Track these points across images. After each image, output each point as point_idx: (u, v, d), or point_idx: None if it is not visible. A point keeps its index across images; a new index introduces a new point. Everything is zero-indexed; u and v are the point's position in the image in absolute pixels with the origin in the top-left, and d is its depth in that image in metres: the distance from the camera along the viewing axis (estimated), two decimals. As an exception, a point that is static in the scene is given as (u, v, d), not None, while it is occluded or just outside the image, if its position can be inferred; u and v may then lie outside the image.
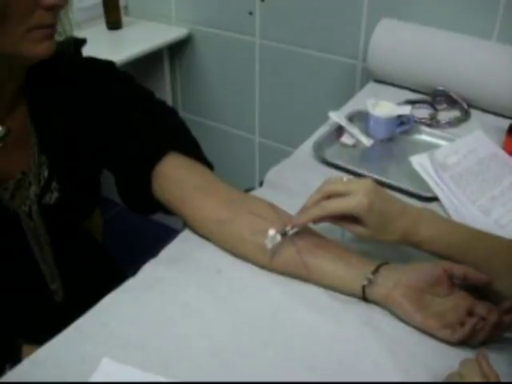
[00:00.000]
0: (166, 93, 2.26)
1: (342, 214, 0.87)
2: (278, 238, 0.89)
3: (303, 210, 0.90)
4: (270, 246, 0.89)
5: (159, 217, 1.06)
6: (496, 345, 0.80)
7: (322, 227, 0.96)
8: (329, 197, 0.88)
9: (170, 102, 2.29)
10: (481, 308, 0.80)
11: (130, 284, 0.91)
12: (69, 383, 0.75)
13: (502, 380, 0.67)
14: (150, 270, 0.94)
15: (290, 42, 1.92)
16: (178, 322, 0.84)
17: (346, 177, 0.93)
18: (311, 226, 0.92)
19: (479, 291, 0.84)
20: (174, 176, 0.99)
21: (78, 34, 1.00)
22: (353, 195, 0.86)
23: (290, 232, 0.90)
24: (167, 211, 1.02)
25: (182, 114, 2.34)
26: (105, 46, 2.04)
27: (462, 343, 0.80)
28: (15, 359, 0.85)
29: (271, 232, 0.89)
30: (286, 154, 1.28)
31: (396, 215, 0.87)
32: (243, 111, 2.19)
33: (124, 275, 0.94)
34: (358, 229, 0.88)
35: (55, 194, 0.99)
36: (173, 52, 2.23)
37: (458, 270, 0.83)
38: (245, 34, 2.01)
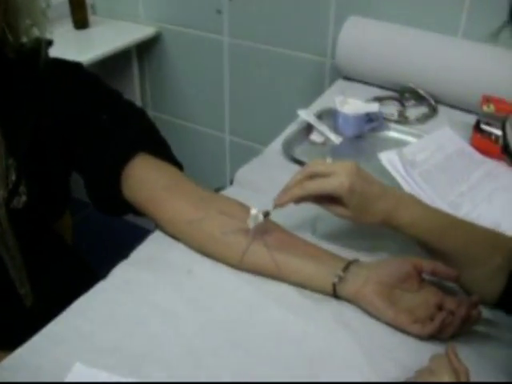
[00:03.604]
0: (135, 92, 2.24)
1: (324, 195, 0.88)
2: (261, 217, 0.89)
3: (285, 189, 0.90)
4: (252, 225, 0.89)
5: (131, 217, 1.06)
6: (465, 338, 0.81)
7: (293, 225, 0.96)
8: (311, 177, 0.89)
9: (139, 101, 2.28)
10: (450, 302, 0.81)
11: (100, 286, 0.90)
12: (40, 383, 0.74)
13: (472, 373, 0.68)
14: (120, 271, 0.93)
15: (259, 40, 1.92)
16: (150, 323, 0.84)
17: (329, 158, 0.92)
18: (289, 212, 0.92)
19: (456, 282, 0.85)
20: (143, 177, 0.99)
21: (47, 35, 0.98)
22: (334, 176, 0.87)
23: (272, 211, 0.89)
24: (137, 212, 1.02)
25: (151, 113, 2.33)
26: (72, 45, 2.02)
27: (432, 337, 0.81)
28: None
29: (253, 211, 0.89)
30: (257, 152, 1.28)
31: (377, 197, 0.88)
32: (213, 110, 2.19)
33: (96, 277, 0.93)
34: (340, 210, 0.88)
35: (23, 198, 0.97)
36: (141, 51, 2.21)
37: (427, 265, 0.84)
38: (213, 33, 2.00)
